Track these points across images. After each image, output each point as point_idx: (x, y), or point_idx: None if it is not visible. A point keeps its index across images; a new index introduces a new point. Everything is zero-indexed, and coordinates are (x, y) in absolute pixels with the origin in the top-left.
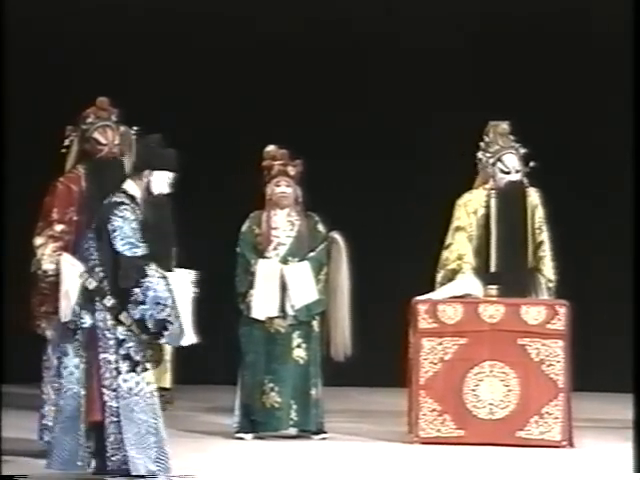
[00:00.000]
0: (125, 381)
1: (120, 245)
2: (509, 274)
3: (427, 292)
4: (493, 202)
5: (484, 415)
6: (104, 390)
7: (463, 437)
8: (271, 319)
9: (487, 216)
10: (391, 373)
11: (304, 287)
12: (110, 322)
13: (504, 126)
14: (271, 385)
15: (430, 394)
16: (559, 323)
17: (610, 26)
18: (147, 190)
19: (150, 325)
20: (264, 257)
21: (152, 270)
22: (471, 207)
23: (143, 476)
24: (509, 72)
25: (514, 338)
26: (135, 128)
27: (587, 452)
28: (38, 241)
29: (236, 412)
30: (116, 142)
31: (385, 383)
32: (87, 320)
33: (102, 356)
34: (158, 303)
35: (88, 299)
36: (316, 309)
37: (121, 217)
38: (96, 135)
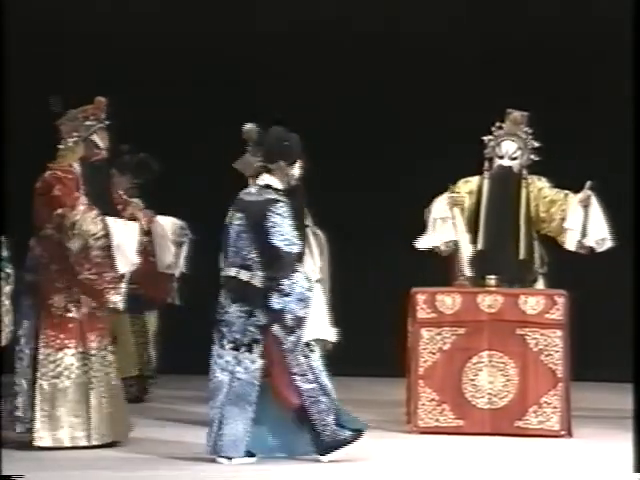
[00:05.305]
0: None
1: (279, 241)
2: (498, 261)
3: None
4: (485, 183)
5: (483, 405)
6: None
7: (462, 427)
8: None
9: (479, 200)
10: (390, 363)
11: None
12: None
13: (516, 114)
14: None
15: (429, 384)
16: (558, 313)
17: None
18: (288, 183)
19: (287, 318)
20: None
21: (300, 268)
22: (469, 187)
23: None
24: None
25: (513, 328)
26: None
27: (586, 442)
28: (76, 216)
29: None
30: (107, 145)
31: (384, 373)
32: (231, 310)
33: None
34: (301, 300)
35: (239, 290)
36: None
37: (279, 214)
38: (95, 138)
